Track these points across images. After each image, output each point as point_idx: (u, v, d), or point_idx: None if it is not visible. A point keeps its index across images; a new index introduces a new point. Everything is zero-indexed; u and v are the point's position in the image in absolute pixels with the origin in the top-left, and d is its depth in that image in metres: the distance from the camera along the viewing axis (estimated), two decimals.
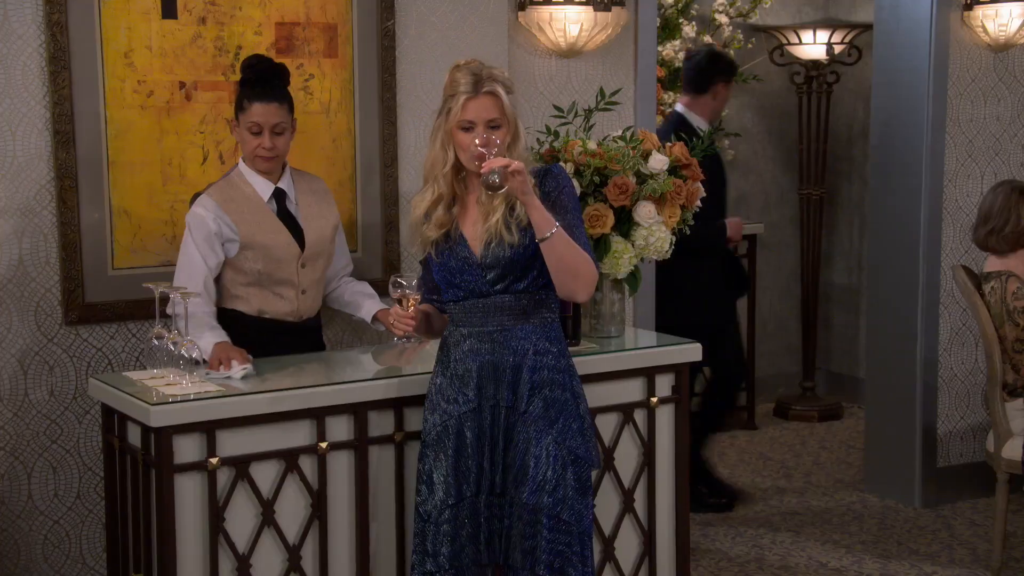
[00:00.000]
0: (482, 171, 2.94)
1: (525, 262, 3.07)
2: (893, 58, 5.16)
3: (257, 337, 3.54)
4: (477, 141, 3.00)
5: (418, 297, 3.28)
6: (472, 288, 3.10)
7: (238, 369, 3.28)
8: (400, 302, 3.30)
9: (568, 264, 3.02)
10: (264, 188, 3.61)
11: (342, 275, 3.83)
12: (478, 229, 3.09)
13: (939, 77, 5.06)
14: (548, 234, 2.98)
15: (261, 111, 3.51)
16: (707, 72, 5.03)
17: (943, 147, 5.13)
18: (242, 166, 3.62)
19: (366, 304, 3.77)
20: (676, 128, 4.80)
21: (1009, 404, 4.41)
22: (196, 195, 3.65)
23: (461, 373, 3.12)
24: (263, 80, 3.53)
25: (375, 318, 3.73)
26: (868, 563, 4.61)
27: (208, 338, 3.41)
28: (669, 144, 3.77)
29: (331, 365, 3.60)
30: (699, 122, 5.00)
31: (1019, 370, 4.37)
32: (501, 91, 3.06)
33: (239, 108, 3.55)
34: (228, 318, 3.58)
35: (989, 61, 5.20)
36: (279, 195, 3.63)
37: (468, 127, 3.04)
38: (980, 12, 5.04)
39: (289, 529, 3.22)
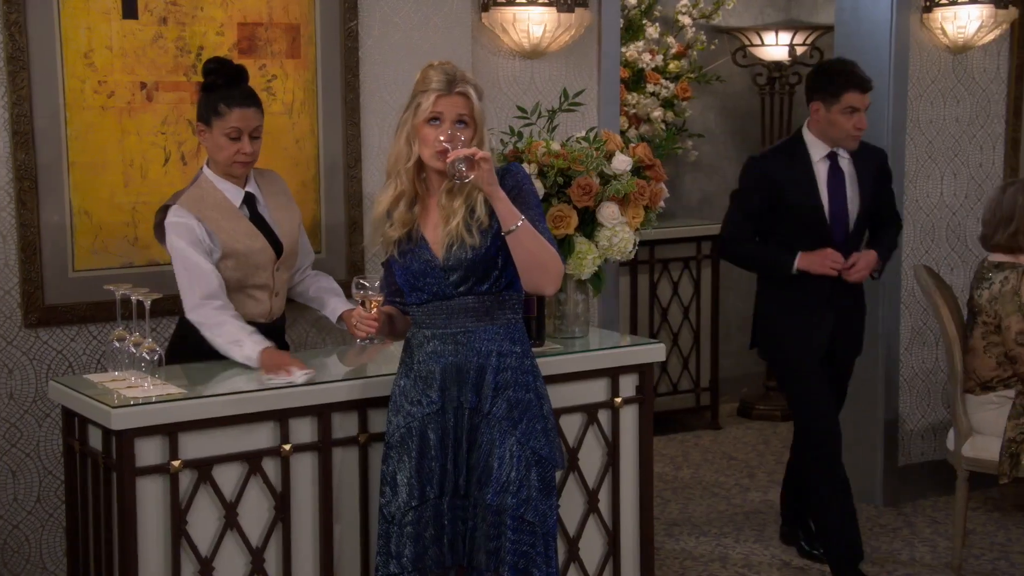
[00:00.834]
0: (448, 159, 2.94)
1: (487, 263, 3.08)
2: (854, 59, 5.19)
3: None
4: (442, 137, 3.00)
5: (381, 299, 3.27)
6: (435, 291, 3.10)
7: (300, 375, 3.28)
8: (364, 304, 3.28)
9: (535, 257, 3.01)
10: (234, 194, 3.56)
11: (304, 268, 3.82)
12: (439, 232, 3.09)
13: (899, 79, 5.11)
14: (514, 227, 2.98)
15: (241, 116, 3.47)
16: (806, 87, 4.46)
17: (903, 148, 5.17)
18: (207, 172, 3.57)
19: (331, 302, 3.75)
20: (787, 141, 4.47)
21: (980, 398, 4.42)
22: (164, 207, 3.55)
23: (425, 375, 3.12)
24: (235, 83, 3.49)
25: (340, 318, 3.72)
26: None
27: (250, 345, 3.38)
28: (632, 145, 3.79)
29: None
30: (809, 138, 4.37)
31: (1016, 361, 4.37)
32: (472, 93, 3.07)
33: (214, 113, 3.47)
34: None
35: (948, 63, 5.25)
36: (249, 199, 3.60)
37: (435, 121, 3.05)
38: (939, 14, 5.09)
39: (252, 532, 3.20)
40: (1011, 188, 4.51)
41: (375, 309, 3.25)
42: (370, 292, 3.27)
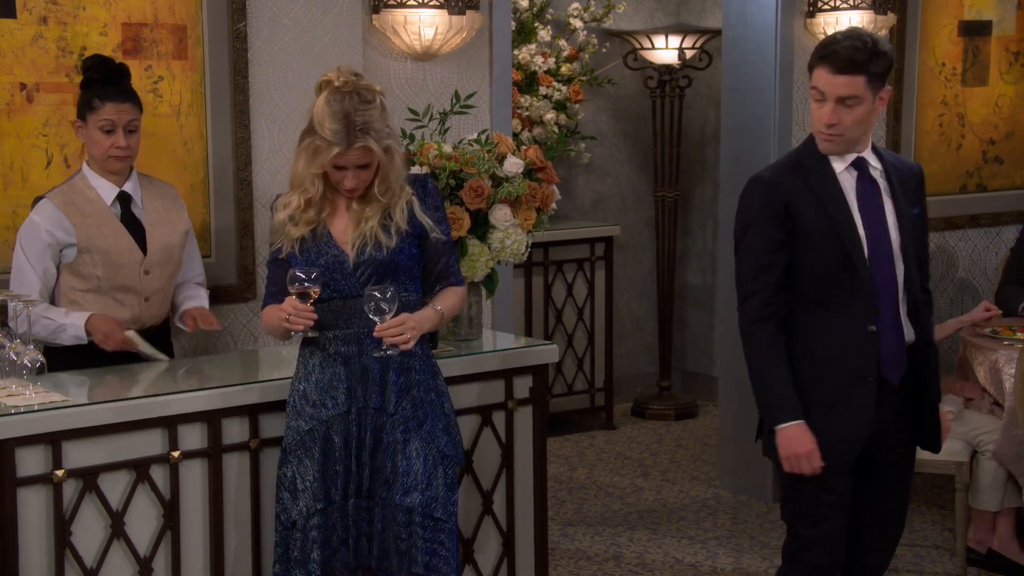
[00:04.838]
0: (375, 354, 3.07)
1: (397, 263, 3.10)
2: (741, 63, 5.29)
3: (99, 346, 3.45)
4: (376, 293, 3.03)
5: (318, 290, 3.13)
6: (340, 288, 3.10)
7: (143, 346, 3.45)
8: (302, 296, 3.14)
9: (455, 312, 3.31)
10: (108, 192, 3.54)
11: (189, 281, 3.75)
12: (349, 233, 3.10)
13: (785, 82, 5.21)
14: (439, 319, 3.21)
15: (114, 109, 3.46)
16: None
17: (788, 150, 5.27)
18: (86, 169, 3.55)
19: (184, 304, 3.68)
20: (795, 152, 3.28)
21: None
22: (37, 199, 3.55)
23: (328, 377, 3.11)
24: (111, 79, 3.48)
25: (183, 316, 3.66)
26: (722, 557, 4.71)
27: (72, 323, 3.41)
28: (524, 147, 3.81)
29: (183, 372, 3.53)
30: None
31: None
32: (373, 144, 3.03)
33: (88, 108, 3.47)
34: None
35: None
36: (124, 199, 3.56)
37: (340, 167, 3.06)
38: (822, 19, 5.21)
39: (140, 541, 3.14)
40: None
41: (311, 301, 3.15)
42: (307, 284, 3.14)
